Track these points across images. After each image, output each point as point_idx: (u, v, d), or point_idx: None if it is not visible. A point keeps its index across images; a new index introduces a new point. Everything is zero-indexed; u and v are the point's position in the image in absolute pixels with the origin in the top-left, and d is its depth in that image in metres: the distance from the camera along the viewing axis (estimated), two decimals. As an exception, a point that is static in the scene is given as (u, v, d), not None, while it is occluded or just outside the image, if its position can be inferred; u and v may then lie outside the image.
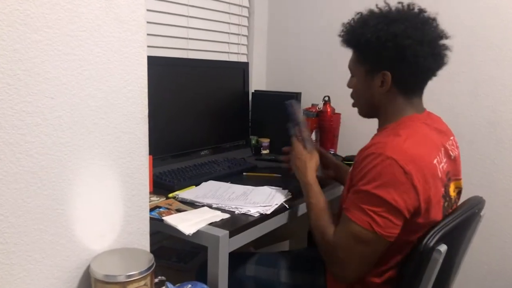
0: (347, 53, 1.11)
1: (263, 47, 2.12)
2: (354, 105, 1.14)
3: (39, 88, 0.71)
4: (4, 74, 0.66)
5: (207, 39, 1.85)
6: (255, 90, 2.01)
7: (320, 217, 1.06)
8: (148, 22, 1.56)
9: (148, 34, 1.55)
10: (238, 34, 2.01)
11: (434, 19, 1.02)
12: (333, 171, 1.37)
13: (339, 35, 1.10)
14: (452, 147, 1.06)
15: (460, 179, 1.08)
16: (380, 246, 0.92)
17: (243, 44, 2.05)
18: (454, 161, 1.04)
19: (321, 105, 1.86)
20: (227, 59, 1.97)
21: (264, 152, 1.88)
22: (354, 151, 1.83)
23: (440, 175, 0.94)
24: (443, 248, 0.85)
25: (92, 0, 0.76)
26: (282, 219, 1.20)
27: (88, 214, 0.82)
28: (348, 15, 1.09)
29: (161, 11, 1.62)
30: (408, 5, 1.03)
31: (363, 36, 1.01)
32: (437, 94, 1.65)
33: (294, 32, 2.03)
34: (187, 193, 1.25)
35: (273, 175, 1.51)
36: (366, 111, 1.12)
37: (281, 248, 1.88)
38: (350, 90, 1.14)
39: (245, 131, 1.91)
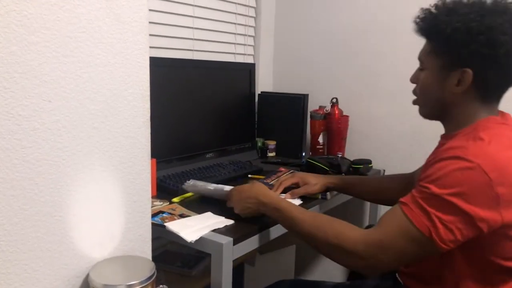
0: (357, 55, 1.07)
1: (270, 48, 2.09)
2: (416, 102, 1.01)
3: (37, 91, 0.68)
4: (0, 77, 0.64)
5: (213, 40, 1.83)
6: (261, 92, 1.98)
7: (320, 222, 0.93)
8: (153, 23, 1.55)
9: (153, 35, 1.55)
10: (245, 35, 1.98)
11: None
12: (318, 185, 1.29)
13: (414, 21, 0.96)
14: None
15: None
16: (431, 253, 0.82)
17: (249, 45, 2.02)
18: None
19: (328, 107, 1.83)
20: (233, 60, 1.95)
21: (270, 154, 1.85)
22: (362, 155, 1.82)
23: None
24: None
25: (92, 0, 0.74)
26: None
27: (87, 221, 0.79)
28: (356, 15, 1.03)
29: (166, 12, 1.60)
30: None
31: (449, 24, 0.87)
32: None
33: (302, 33, 1.99)
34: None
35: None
36: (431, 112, 0.99)
37: (287, 254, 1.85)
38: (359, 92, 1.07)
39: (251, 133, 1.89)
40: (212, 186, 1.19)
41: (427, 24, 0.94)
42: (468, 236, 0.80)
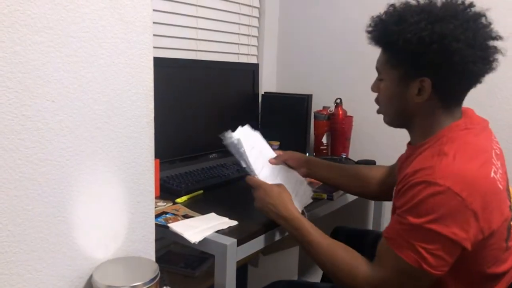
0: (361, 55, 1.06)
1: (274, 48, 2.08)
2: (379, 111, 1.00)
3: (40, 91, 0.68)
4: (4, 77, 0.64)
5: (216, 40, 1.82)
6: (265, 92, 1.97)
7: (335, 255, 0.93)
8: (156, 23, 1.55)
9: (156, 35, 1.54)
10: (248, 35, 1.98)
11: (484, 15, 0.86)
12: (304, 168, 1.24)
13: (367, 31, 0.94)
14: (497, 144, 0.93)
15: None
16: (427, 280, 0.82)
17: (253, 45, 2.01)
18: (503, 161, 0.92)
19: (332, 108, 1.82)
20: (237, 60, 1.94)
21: (274, 155, 1.84)
22: (366, 155, 1.81)
23: (501, 187, 0.83)
24: None
25: (96, 0, 0.74)
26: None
27: (91, 222, 0.79)
28: (361, 15, 1.02)
29: (169, 12, 1.60)
30: None
31: (400, 35, 0.85)
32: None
33: (305, 33, 1.99)
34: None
35: None
36: (396, 121, 0.98)
37: (290, 255, 1.84)
38: (364, 92, 1.05)
39: (255, 134, 1.88)
40: (248, 160, 1.09)
41: (379, 34, 0.92)
42: (456, 255, 0.80)
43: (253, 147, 1.14)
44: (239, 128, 1.16)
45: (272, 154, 1.24)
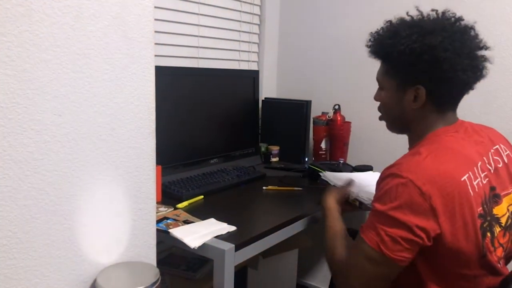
0: (359, 62, 1.09)
1: (274, 55, 2.12)
2: (381, 118, 1.07)
3: (48, 106, 0.72)
4: (14, 93, 0.68)
5: (217, 48, 1.86)
6: (265, 98, 2.01)
7: (334, 238, 1.05)
8: (159, 32, 1.59)
9: (159, 44, 1.58)
10: (249, 42, 2.01)
11: (472, 28, 0.94)
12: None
13: (367, 45, 1.03)
14: (496, 157, 0.96)
15: (511, 192, 0.97)
16: (390, 269, 0.87)
17: (254, 52, 2.05)
18: (496, 173, 0.94)
19: (331, 114, 1.85)
20: (238, 67, 1.98)
21: (273, 160, 1.88)
22: (364, 161, 1.84)
23: (472, 193, 0.86)
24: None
25: (100, 18, 0.78)
26: (289, 231, 1.19)
27: (95, 229, 0.83)
28: (359, 23, 1.06)
29: (172, 21, 1.64)
30: (443, 13, 0.96)
31: (394, 47, 0.93)
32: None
33: (305, 40, 2.02)
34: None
35: (294, 189, 1.48)
36: (396, 127, 1.05)
37: (290, 258, 1.88)
38: (361, 98, 1.10)
39: (255, 139, 1.92)
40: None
41: (377, 48, 1.00)
42: (413, 245, 0.84)
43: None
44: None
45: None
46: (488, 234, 0.88)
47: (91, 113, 0.79)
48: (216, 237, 1.04)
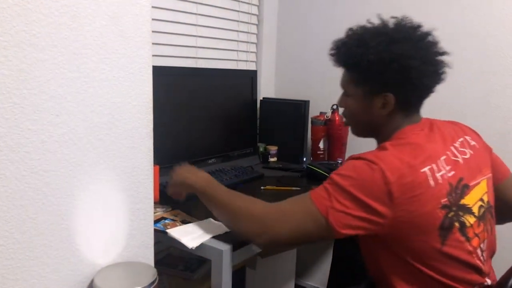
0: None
1: (272, 55, 2.12)
2: (347, 124, 1.10)
3: (45, 106, 0.72)
4: (11, 93, 0.68)
5: (216, 48, 1.86)
6: (263, 98, 2.01)
7: (237, 200, 1.00)
8: (157, 32, 1.58)
9: (157, 44, 1.58)
10: (247, 42, 2.01)
11: (431, 34, 0.98)
12: None
13: (330, 54, 1.05)
14: (462, 149, 0.99)
15: (481, 181, 0.98)
16: (323, 231, 0.87)
17: (252, 52, 2.05)
18: (464, 165, 0.96)
19: (329, 114, 1.85)
20: (236, 67, 1.98)
21: (271, 160, 1.88)
22: (362, 160, 1.84)
23: (434, 184, 0.87)
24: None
25: (97, 18, 0.77)
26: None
27: (93, 229, 0.83)
28: (357, 23, 1.08)
29: (170, 21, 1.64)
30: (402, 20, 0.99)
31: (363, 56, 0.95)
32: (448, 103, 1.63)
33: (303, 40, 2.02)
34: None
35: (292, 189, 1.48)
36: (364, 132, 1.08)
37: (288, 257, 1.88)
38: None
39: (253, 139, 1.91)
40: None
41: (344, 57, 1.02)
42: (361, 222, 0.86)
43: None
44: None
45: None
46: (456, 224, 0.89)
47: (88, 113, 0.78)
48: (214, 237, 1.04)
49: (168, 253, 1.61)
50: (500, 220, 1.16)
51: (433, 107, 1.10)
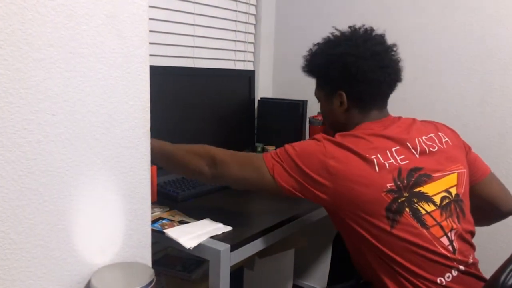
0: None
1: (270, 55, 2.12)
2: (327, 127, 1.22)
3: (41, 105, 0.71)
4: (6, 93, 0.67)
5: (213, 47, 1.86)
6: (261, 98, 2.01)
7: (188, 151, 1.13)
8: (154, 31, 1.58)
9: (154, 43, 1.57)
10: (245, 42, 2.01)
11: (381, 35, 1.08)
12: None
13: (302, 69, 1.19)
14: (429, 142, 1.04)
15: (449, 174, 1.02)
16: (267, 182, 1.00)
17: (249, 52, 2.05)
18: (426, 156, 1.01)
19: (327, 113, 1.85)
20: (233, 66, 1.97)
21: (269, 160, 1.87)
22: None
23: (378, 169, 0.94)
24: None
25: (94, 17, 0.77)
26: (285, 231, 1.19)
27: (90, 229, 0.82)
28: (355, 23, 1.11)
29: (167, 20, 1.63)
30: (354, 26, 1.11)
31: (314, 62, 1.12)
32: (445, 103, 1.63)
33: (301, 39, 2.02)
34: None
35: None
36: (334, 131, 1.12)
37: (286, 258, 1.87)
38: None
39: (251, 138, 1.91)
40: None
41: (307, 67, 1.18)
42: (299, 185, 0.98)
43: None
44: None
45: None
46: (407, 209, 0.94)
47: (85, 112, 0.78)
48: (212, 237, 1.04)
49: (165, 254, 1.60)
50: (486, 220, 1.20)
51: (432, 107, 1.11)
